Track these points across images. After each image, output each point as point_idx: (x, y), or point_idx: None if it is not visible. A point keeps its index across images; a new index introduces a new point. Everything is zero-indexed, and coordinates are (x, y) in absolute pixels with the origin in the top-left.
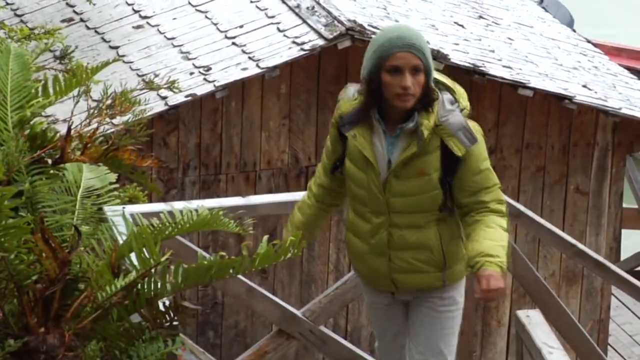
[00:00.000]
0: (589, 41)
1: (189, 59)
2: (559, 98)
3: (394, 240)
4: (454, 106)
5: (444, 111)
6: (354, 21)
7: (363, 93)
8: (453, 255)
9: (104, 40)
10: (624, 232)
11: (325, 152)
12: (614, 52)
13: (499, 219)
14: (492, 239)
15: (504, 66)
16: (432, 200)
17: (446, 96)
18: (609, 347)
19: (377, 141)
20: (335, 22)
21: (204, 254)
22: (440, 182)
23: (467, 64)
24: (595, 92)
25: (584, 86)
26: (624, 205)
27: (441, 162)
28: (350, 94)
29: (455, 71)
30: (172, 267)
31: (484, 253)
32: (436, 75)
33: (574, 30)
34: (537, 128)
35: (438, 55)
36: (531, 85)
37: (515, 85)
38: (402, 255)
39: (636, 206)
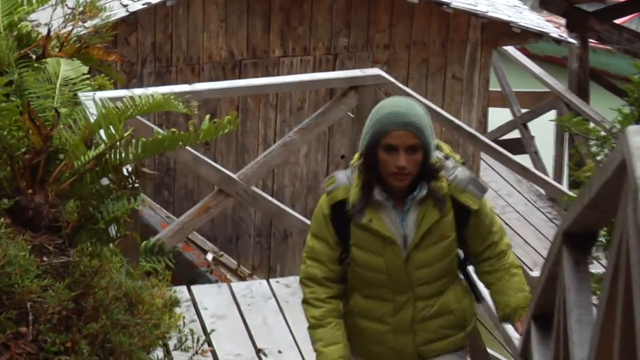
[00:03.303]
0: None
1: None
2: (439, 4)
3: (418, 314)
4: (450, 161)
5: (447, 170)
6: None
7: (362, 169)
8: (470, 312)
9: None
10: (490, 109)
11: (321, 252)
12: None
13: (513, 259)
14: (521, 289)
15: None
16: (453, 263)
17: (439, 154)
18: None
19: (388, 219)
20: None
21: (159, 130)
22: (457, 241)
23: None
24: None
25: None
26: (490, 88)
27: (455, 220)
28: (345, 180)
29: None
30: (134, 140)
31: (520, 307)
32: None
33: None
34: (422, 28)
35: None
36: None
37: None
38: (428, 326)
39: (499, 89)
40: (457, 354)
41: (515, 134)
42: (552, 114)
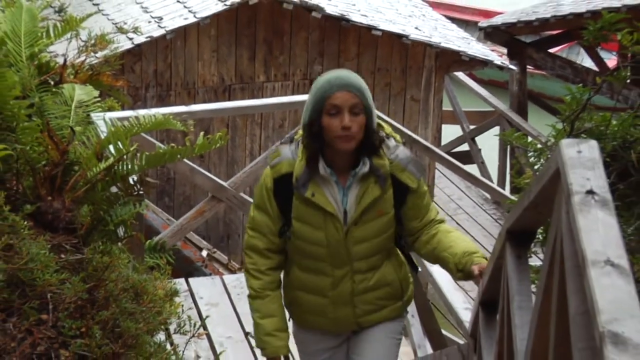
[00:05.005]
0: None
1: (147, 12)
2: (399, 36)
3: (357, 287)
4: (392, 141)
5: (389, 149)
6: None
7: (305, 142)
8: (406, 282)
9: None
10: (443, 126)
11: (263, 224)
12: (434, 5)
13: (447, 226)
14: (462, 239)
15: (362, 15)
16: (390, 238)
17: (381, 133)
18: (434, 203)
19: (330, 194)
20: None
21: (160, 145)
22: (395, 218)
23: (337, 14)
24: (424, 32)
25: (416, 28)
26: (443, 108)
27: (394, 198)
28: (289, 155)
29: (329, 19)
30: (138, 154)
31: (468, 252)
32: None
33: None
34: (385, 57)
35: (317, 8)
36: (380, 27)
37: (369, 28)
38: (366, 298)
39: (451, 109)
40: (394, 322)
41: (465, 147)
42: (496, 129)
